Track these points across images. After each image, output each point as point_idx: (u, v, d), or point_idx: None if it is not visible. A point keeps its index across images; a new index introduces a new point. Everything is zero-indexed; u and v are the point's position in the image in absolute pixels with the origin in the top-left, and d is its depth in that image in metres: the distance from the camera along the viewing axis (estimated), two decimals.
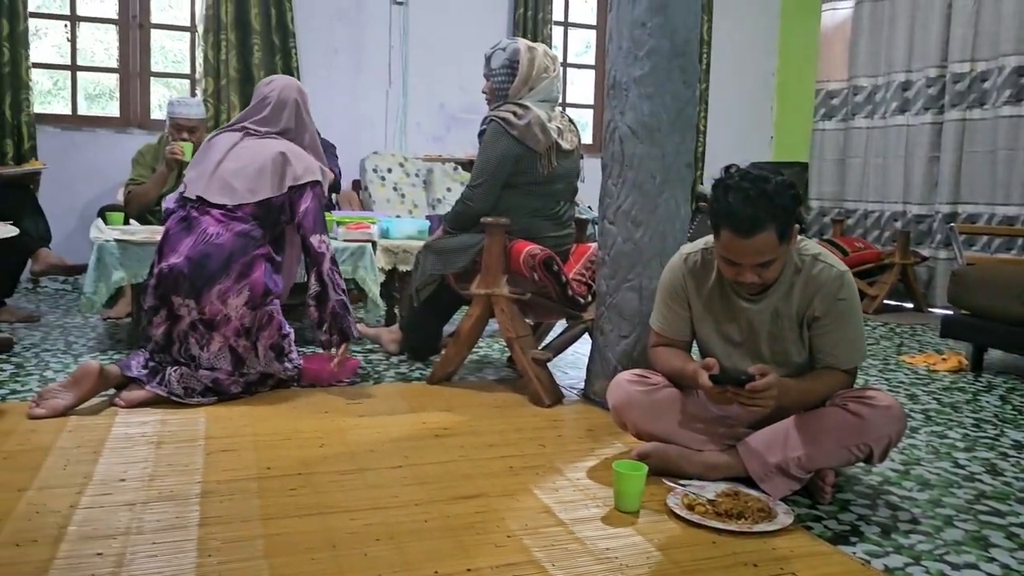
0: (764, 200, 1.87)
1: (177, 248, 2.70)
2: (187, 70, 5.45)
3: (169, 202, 2.91)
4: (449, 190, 5.26)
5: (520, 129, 2.94)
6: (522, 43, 3.05)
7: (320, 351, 3.42)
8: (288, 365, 2.85)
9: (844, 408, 1.97)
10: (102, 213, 4.08)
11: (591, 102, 6.43)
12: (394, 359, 3.39)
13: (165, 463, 2.10)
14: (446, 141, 5.80)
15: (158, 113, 5.23)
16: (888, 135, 5.84)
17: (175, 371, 2.63)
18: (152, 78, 5.30)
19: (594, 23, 6.38)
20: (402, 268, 3.81)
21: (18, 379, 2.88)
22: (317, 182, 2.84)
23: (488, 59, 3.08)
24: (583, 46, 6.68)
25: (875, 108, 5.95)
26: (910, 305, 5.47)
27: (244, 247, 2.71)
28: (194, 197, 2.78)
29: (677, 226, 2.70)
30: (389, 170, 5.24)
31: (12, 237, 3.02)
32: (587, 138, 6.17)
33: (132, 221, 3.89)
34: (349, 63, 5.55)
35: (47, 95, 5.83)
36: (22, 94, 4.76)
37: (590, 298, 3.03)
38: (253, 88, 4.64)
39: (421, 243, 3.60)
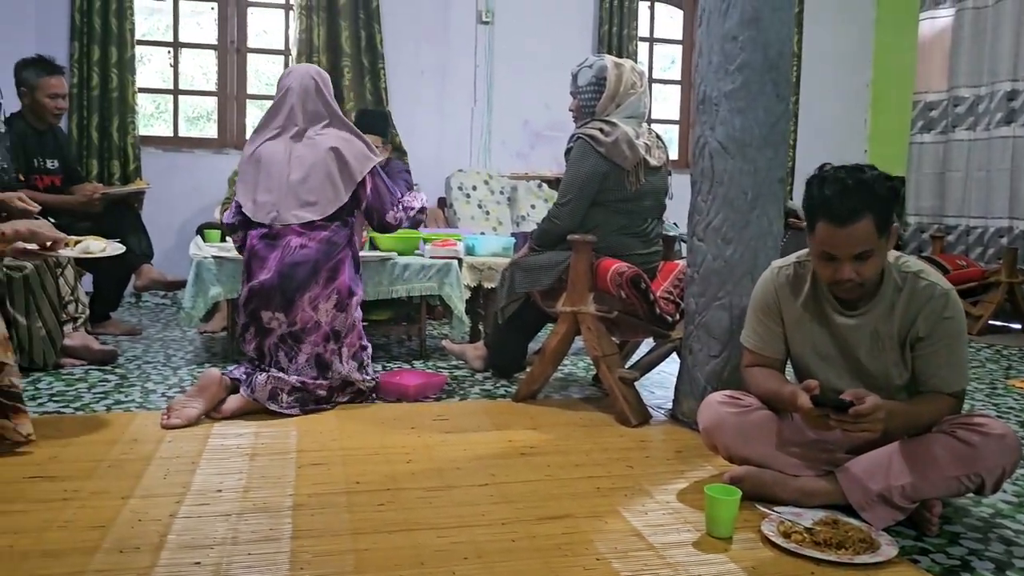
0: (862, 188, 1.83)
1: (266, 264, 2.79)
2: None
3: (227, 217, 2.99)
4: (533, 207, 5.27)
5: (607, 146, 2.92)
6: (609, 59, 3.03)
7: (407, 366, 3.47)
8: (367, 377, 2.91)
9: (952, 435, 1.87)
10: (200, 231, 4.24)
11: (677, 118, 6.36)
12: (479, 376, 3.40)
13: (259, 475, 2.14)
14: (530, 158, 5.83)
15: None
16: (992, 147, 5.57)
17: (263, 376, 2.70)
18: (247, 100, 5.49)
19: (680, 38, 6.32)
20: (487, 285, 3.83)
21: (122, 390, 3.00)
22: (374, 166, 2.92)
23: (575, 77, 3.07)
24: (668, 61, 6.62)
25: (978, 119, 5.69)
26: (1018, 326, 5.18)
27: (328, 252, 2.81)
28: (278, 225, 2.82)
29: (769, 243, 2.63)
30: (474, 187, 5.29)
31: (118, 254, 3.16)
32: (673, 154, 6.10)
33: (228, 238, 4.02)
34: (435, 82, 5.64)
35: (150, 118, 6.12)
36: (128, 117, 5.01)
37: (678, 316, 2.97)
38: (344, 109, 4.77)
39: (506, 260, 3.61)
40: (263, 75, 5.98)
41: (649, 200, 3.05)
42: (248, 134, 5.39)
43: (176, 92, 5.43)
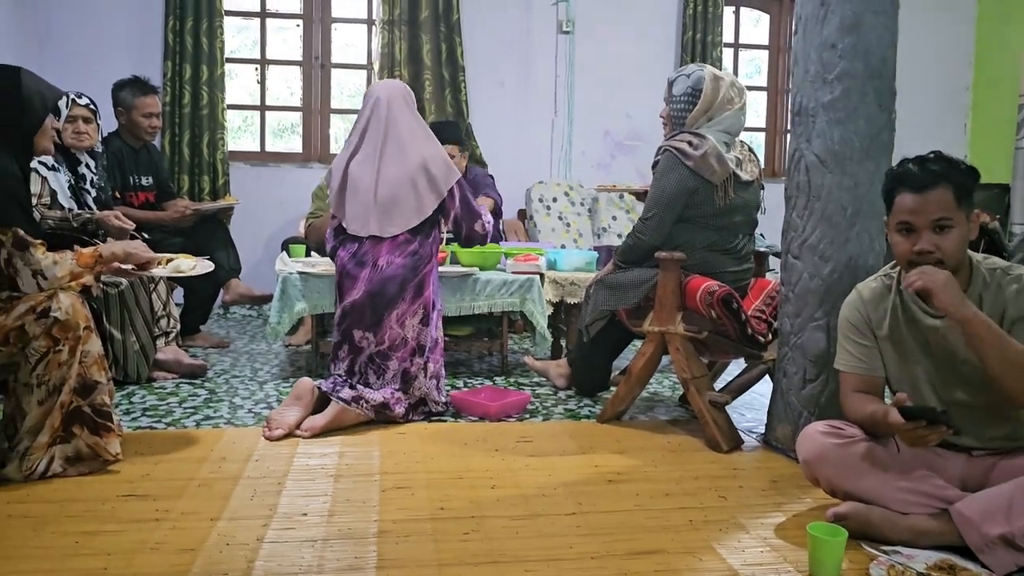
0: (941, 160, 1.91)
1: (356, 284, 2.85)
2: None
3: (330, 239, 3.02)
4: (615, 218, 5.18)
5: (695, 160, 2.82)
6: (708, 71, 2.92)
7: (488, 383, 3.43)
8: (441, 398, 2.95)
9: None
10: (285, 245, 4.30)
11: (763, 125, 6.17)
12: (562, 394, 3.33)
13: (343, 498, 2.13)
14: (611, 169, 5.73)
15: (335, 147, 5.49)
16: None
17: (349, 390, 2.77)
18: (331, 114, 5.57)
19: (766, 43, 6.14)
20: (569, 301, 3.76)
21: (210, 405, 3.05)
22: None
23: (671, 84, 2.98)
24: (754, 68, 6.44)
25: None
26: None
27: (414, 267, 2.85)
28: (367, 242, 2.87)
29: (870, 261, 2.49)
30: (554, 199, 5.23)
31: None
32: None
33: (313, 253, 4.07)
34: (515, 94, 5.61)
35: (237, 131, 6.27)
36: (218, 134, 5.13)
37: (770, 336, 2.85)
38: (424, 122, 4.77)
39: (589, 275, 3.54)
40: (346, 89, 6.06)
41: (740, 216, 2.93)
42: (332, 147, 5.49)
43: (263, 108, 5.54)
